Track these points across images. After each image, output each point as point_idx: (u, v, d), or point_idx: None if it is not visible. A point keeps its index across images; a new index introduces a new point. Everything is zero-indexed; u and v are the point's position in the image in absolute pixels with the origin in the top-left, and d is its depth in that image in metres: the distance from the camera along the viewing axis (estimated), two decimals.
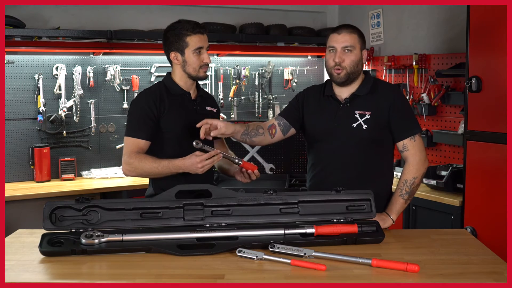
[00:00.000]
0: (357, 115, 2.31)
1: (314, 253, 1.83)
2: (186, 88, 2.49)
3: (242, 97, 4.77)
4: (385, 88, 2.37)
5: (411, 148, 2.30)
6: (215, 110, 2.62)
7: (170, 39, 2.43)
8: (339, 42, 2.28)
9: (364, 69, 2.42)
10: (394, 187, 2.38)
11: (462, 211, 3.24)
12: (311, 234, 1.98)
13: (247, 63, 4.77)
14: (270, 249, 1.86)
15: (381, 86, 2.38)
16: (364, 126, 2.29)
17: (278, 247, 1.86)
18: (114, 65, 4.22)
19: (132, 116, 2.44)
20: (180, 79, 2.47)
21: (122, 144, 4.27)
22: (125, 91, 4.30)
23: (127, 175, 2.42)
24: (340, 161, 2.34)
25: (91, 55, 4.18)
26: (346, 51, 2.28)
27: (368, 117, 2.29)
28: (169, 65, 2.52)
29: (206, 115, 2.51)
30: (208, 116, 2.48)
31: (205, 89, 4.55)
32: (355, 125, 2.30)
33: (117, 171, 4.17)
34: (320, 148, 2.40)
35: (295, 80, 4.89)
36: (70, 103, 4.08)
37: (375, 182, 2.28)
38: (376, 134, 2.30)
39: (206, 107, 2.57)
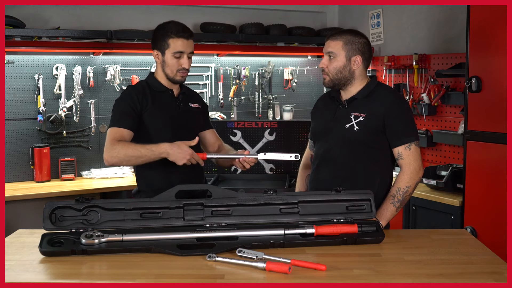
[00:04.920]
0: (352, 116, 2.32)
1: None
2: (168, 86, 2.53)
3: (242, 97, 4.76)
4: (383, 93, 2.37)
5: (406, 157, 2.29)
6: (199, 106, 2.66)
7: (155, 37, 2.50)
8: (325, 48, 2.36)
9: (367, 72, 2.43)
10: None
11: (462, 211, 3.24)
12: (311, 234, 1.98)
13: (247, 63, 4.77)
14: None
15: (380, 91, 2.37)
16: (356, 128, 2.30)
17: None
18: (114, 65, 4.22)
19: (115, 110, 2.46)
20: (161, 77, 2.52)
21: None
22: None
23: (109, 164, 2.34)
24: (331, 160, 2.37)
25: (91, 55, 4.18)
26: (330, 57, 2.33)
27: (362, 119, 2.30)
28: None
29: (189, 111, 2.59)
30: (192, 113, 2.58)
31: (205, 89, 4.61)
32: (348, 125, 2.32)
33: (117, 171, 4.17)
34: (319, 146, 2.45)
35: (295, 80, 4.89)
36: (70, 103, 4.08)
37: (364, 186, 2.23)
38: (367, 137, 2.30)
39: (189, 104, 2.61)
